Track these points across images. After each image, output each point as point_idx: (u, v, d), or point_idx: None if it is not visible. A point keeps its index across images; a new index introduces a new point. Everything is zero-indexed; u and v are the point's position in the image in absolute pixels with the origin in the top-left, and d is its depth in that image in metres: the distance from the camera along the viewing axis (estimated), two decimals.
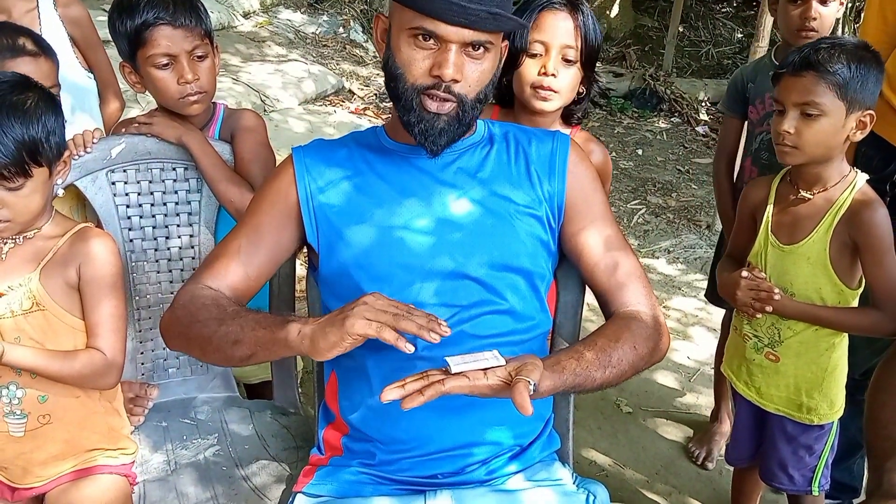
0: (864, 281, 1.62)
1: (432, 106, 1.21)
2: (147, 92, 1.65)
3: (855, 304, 1.64)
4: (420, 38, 1.18)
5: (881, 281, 1.56)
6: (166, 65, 1.58)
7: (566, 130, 1.72)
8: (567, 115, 1.74)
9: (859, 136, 1.57)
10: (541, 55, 1.61)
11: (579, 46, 1.61)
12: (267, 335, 1.15)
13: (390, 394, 1.04)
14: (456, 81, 1.19)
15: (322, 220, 1.31)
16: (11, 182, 1.23)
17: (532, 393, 1.03)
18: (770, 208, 1.68)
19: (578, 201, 1.33)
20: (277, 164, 1.40)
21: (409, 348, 1.05)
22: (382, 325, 1.05)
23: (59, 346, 1.33)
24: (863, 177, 1.60)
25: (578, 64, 1.63)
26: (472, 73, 1.21)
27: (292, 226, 1.33)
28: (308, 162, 1.33)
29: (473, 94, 1.22)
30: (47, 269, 1.32)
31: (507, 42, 1.32)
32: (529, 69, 1.61)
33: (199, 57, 1.61)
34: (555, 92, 1.61)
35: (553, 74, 1.59)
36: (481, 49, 1.20)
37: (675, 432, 2.57)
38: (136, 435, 1.55)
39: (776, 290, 1.62)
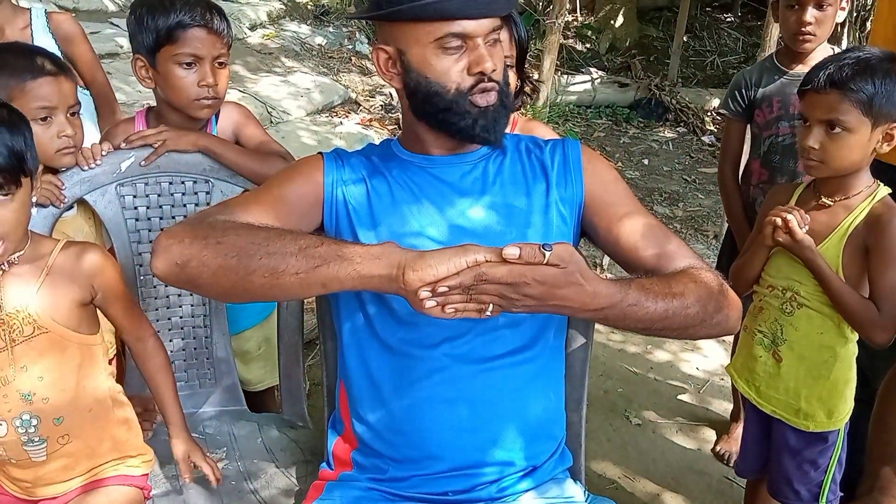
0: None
1: (481, 101, 1.23)
2: (155, 87, 1.67)
3: None
4: (448, 44, 1.19)
5: (884, 288, 1.55)
6: (190, 65, 1.61)
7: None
8: None
9: (886, 149, 1.56)
10: None
11: (514, 54, 1.72)
12: (354, 248, 1.09)
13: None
14: (493, 70, 1.22)
15: (341, 215, 1.31)
16: (5, 190, 1.20)
17: (545, 257, 1.01)
18: None
19: (601, 196, 1.32)
20: (304, 157, 1.40)
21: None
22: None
23: (66, 365, 1.31)
24: (885, 189, 1.61)
25: (514, 68, 1.74)
26: (498, 58, 1.24)
27: (315, 208, 1.31)
28: (336, 159, 1.34)
29: (503, 77, 1.26)
30: (44, 290, 1.29)
31: None
32: None
33: (220, 64, 1.65)
34: None
35: None
36: (497, 34, 1.23)
37: (685, 444, 2.56)
38: None
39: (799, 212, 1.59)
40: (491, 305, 1.04)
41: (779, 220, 1.59)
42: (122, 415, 1.44)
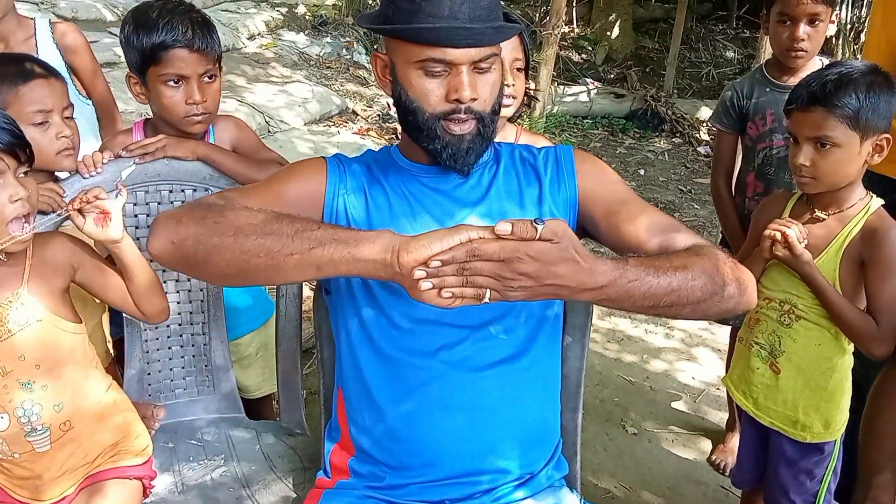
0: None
1: (455, 129, 1.22)
2: (148, 102, 1.69)
3: None
4: (430, 67, 1.19)
5: (882, 301, 1.56)
6: (177, 83, 1.62)
7: (512, 129, 1.81)
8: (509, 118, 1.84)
9: (878, 160, 1.57)
10: None
11: (524, 57, 1.72)
12: (350, 233, 1.08)
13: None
14: (473, 100, 1.20)
15: (341, 222, 1.30)
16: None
17: (538, 231, 0.99)
18: None
19: (597, 192, 1.31)
20: (307, 158, 1.41)
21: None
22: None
23: (61, 352, 1.33)
24: (878, 201, 1.62)
25: (523, 72, 1.73)
26: (484, 88, 1.22)
27: (314, 211, 1.30)
28: (338, 167, 1.34)
29: (489, 107, 1.24)
30: (32, 282, 1.32)
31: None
32: None
33: (210, 77, 1.66)
34: (513, 97, 1.68)
35: (511, 84, 1.65)
36: (488, 63, 1.21)
37: (681, 453, 2.56)
38: None
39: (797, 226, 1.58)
40: (489, 292, 1.01)
41: (778, 235, 1.58)
42: (118, 398, 1.45)
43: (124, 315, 1.66)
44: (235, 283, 1.19)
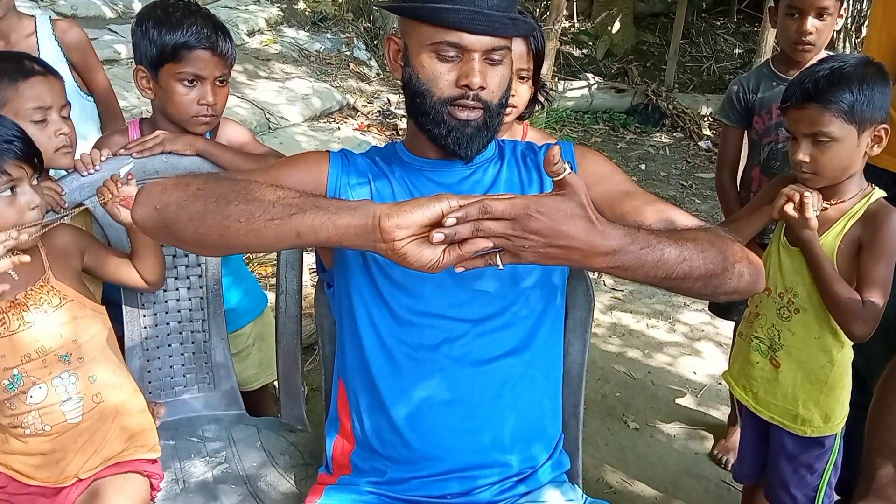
0: None
1: (461, 114, 1.22)
2: (154, 98, 1.69)
3: None
4: (443, 51, 1.19)
5: (872, 280, 1.56)
6: (192, 83, 1.63)
7: (519, 127, 1.87)
8: (518, 116, 1.85)
9: (877, 150, 1.58)
10: None
11: (531, 66, 1.72)
12: (332, 201, 1.06)
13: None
14: (482, 89, 1.21)
15: None
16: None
17: (568, 172, 0.97)
18: None
19: (598, 184, 1.30)
20: (311, 151, 1.41)
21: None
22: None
23: (91, 329, 1.40)
24: (880, 192, 1.62)
25: (530, 81, 1.74)
26: (494, 79, 1.22)
27: None
28: (342, 161, 1.34)
29: (497, 99, 1.24)
30: (54, 268, 1.39)
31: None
32: None
33: (221, 82, 1.68)
34: (513, 107, 1.69)
35: (512, 94, 1.63)
36: (500, 55, 1.22)
37: (682, 448, 2.56)
38: None
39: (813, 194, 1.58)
40: (498, 256, 0.99)
41: (796, 196, 1.58)
42: (138, 392, 1.51)
43: (125, 314, 1.67)
44: (215, 250, 1.17)
